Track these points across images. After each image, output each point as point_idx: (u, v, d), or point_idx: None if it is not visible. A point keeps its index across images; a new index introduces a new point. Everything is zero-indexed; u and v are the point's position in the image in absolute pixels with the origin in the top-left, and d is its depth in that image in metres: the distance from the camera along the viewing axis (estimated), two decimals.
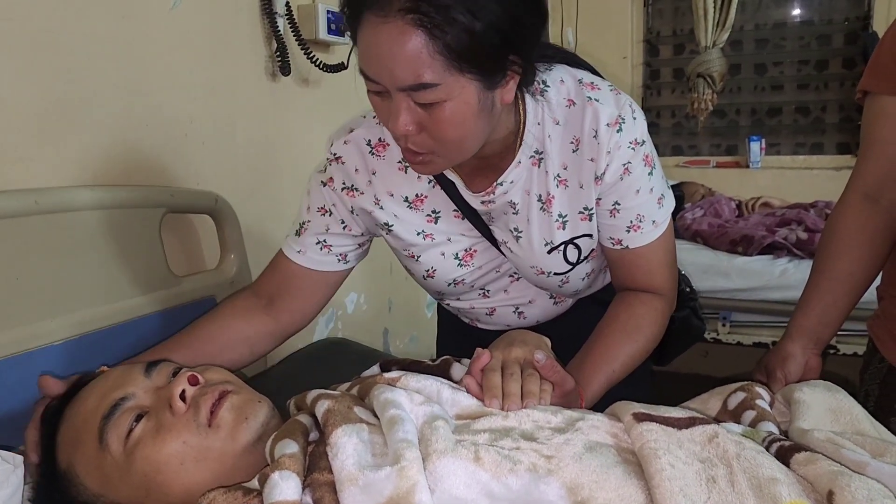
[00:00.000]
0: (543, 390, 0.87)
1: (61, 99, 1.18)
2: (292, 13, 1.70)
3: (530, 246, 1.06)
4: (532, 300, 1.18)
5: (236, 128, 1.61)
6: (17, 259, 1.04)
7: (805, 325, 1.10)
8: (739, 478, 0.67)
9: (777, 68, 3.86)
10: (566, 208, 1.04)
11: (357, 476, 0.67)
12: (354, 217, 1.10)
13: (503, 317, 1.21)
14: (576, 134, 1.00)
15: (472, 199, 1.05)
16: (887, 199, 1.06)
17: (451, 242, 1.09)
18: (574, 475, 0.69)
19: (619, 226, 1.05)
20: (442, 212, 1.07)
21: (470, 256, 1.10)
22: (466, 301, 1.20)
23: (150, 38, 1.35)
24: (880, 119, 1.06)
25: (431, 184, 1.06)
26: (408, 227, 1.08)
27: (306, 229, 1.12)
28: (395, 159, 1.05)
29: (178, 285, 1.32)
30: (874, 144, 1.07)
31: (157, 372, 0.88)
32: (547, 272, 1.08)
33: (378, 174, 1.06)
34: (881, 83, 1.05)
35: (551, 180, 1.02)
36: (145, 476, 0.78)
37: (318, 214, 1.11)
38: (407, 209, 1.07)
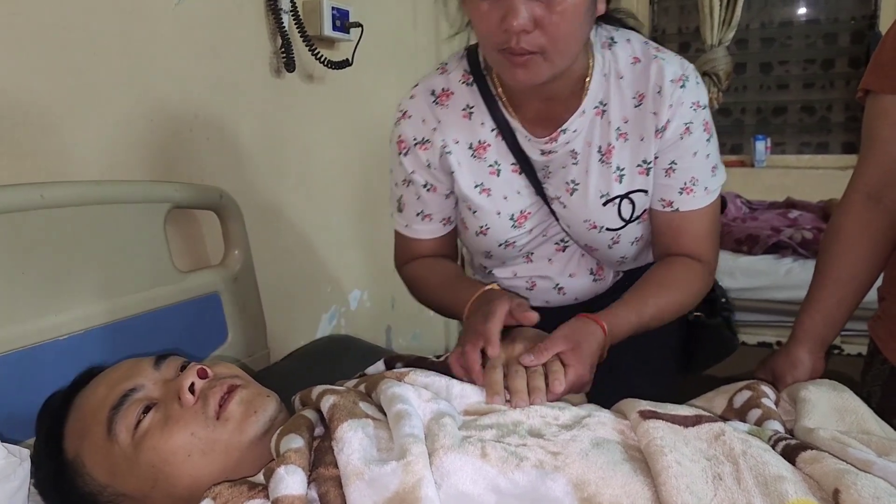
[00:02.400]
0: (555, 379, 0.86)
1: (67, 94, 1.19)
2: (297, 9, 1.70)
3: (585, 198, 1.07)
4: (573, 274, 1.19)
5: (241, 124, 1.61)
6: (22, 253, 1.04)
7: (811, 328, 1.10)
8: (746, 475, 0.67)
9: (783, 67, 3.86)
10: (625, 161, 1.06)
11: (363, 470, 0.67)
12: (433, 172, 1.11)
13: (543, 292, 1.21)
14: (640, 89, 1.03)
15: (532, 148, 1.07)
16: (889, 198, 1.05)
17: (507, 201, 1.10)
18: (580, 471, 0.69)
19: (673, 186, 1.07)
20: (502, 165, 1.09)
21: (524, 218, 1.12)
22: (509, 268, 1.21)
23: (155, 34, 1.35)
24: (882, 118, 1.05)
25: (494, 132, 1.07)
26: (468, 178, 1.10)
27: (404, 204, 1.17)
28: (459, 107, 1.08)
29: (183, 281, 1.32)
30: (875, 144, 1.06)
31: (167, 364, 0.88)
32: (599, 227, 1.10)
33: (443, 123, 1.08)
34: (883, 82, 1.04)
35: (612, 132, 1.05)
36: (152, 467, 0.79)
37: (403, 187, 1.15)
38: (471, 158, 1.09)
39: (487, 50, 0.96)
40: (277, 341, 1.69)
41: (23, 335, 1.04)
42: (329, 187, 1.97)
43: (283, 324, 1.78)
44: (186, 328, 1.32)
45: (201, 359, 1.35)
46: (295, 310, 1.84)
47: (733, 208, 3.12)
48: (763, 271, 2.56)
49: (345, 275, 2.07)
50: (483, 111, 1.08)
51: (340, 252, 2.05)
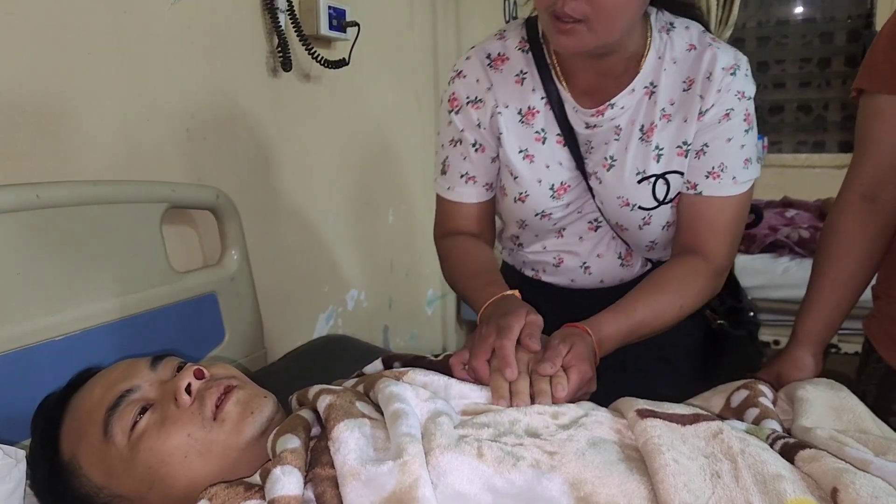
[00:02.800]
0: (557, 384, 0.85)
1: (62, 94, 1.18)
2: (294, 9, 1.69)
3: (621, 175, 1.09)
4: (601, 255, 1.20)
5: (238, 123, 1.60)
6: (18, 254, 1.04)
7: (814, 330, 1.10)
8: (744, 473, 0.67)
9: (779, 66, 3.86)
10: (665, 141, 1.07)
11: (359, 470, 0.67)
12: (482, 132, 1.13)
13: (569, 270, 1.22)
14: (690, 75, 1.05)
15: (578, 120, 1.09)
16: (884, 198, 1.06)
17: (548, 170, 1.12)
18: (577, 471, 0.69)
19: (701, 169, 1.07)
20: (548, 134, 1.11)
21: (563, 190, 1.13)
22: (540, 241, 1.22)
23: (151, 34, 1.35)
24: (876, 118, 1.05)
25: (543, 101, 1.10)
26: (514, 143, 1.12)
27: (448, 165, 1.18)
28: (512, 72, 1.11)
29: (179, 281, 1.32)
30: (870, 144, 1.06)
31: (163, 365, 0.88)
32: (632, 204, 1.10)
33: (496, 85, 1.11)
34: (876, 81, 1.04)
35: (657, 112, 1.07)
36: (149, 468, 0.78)
37: (451, 147, 1.17)
38: (518, 123, 1.11)
39: (540, 10, 0.97)
40: (274, 341, 1.69)
41: (19, 336, 1.03)
42: (326, 187, 1.97)
43: (281, 324, 1.78)
44: (183, 328, 1.32)
45: (198, 359, 1.35)
46: (292, 310, 1.84)
47: None
48: (760, 270, 2.57)
49: (342, 275, 2.07)
50: (535, 78, 1.10)
51: (338, 252, 2.04)
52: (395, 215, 2.37)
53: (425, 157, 2.56)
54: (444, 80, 2.65)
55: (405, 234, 2.45)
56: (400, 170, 2.39)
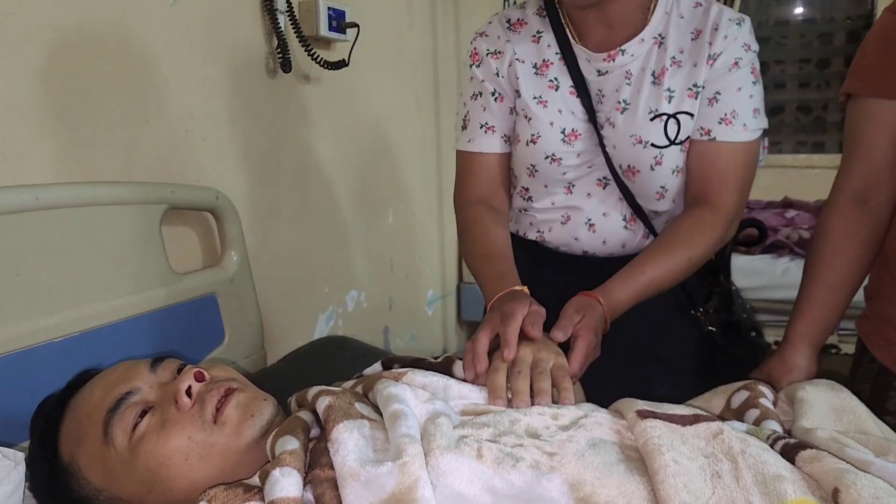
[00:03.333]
0: (564, 388, 0.86)
1: (61, 95, 1.18)
2: (293, 10, 1.69)
3: (635, 115, 1.13)
4: (607, 213, 1.23)
5: (237, 124, 1.60)
6: (17, 255, 1.04)
7: (806, 333, 1.11)
8: (745, 474, 0.67)
9: (779, 66, 3.86)
10: (676, 84, 1.13)
11: (358, 472, 0.67)
12: (500, 81, 1.20)
13: (575, 227, 1.25)
14: (698, 26, 1.12)
15: (590, 68, 1.16)
16: (875, 200, 1.07)
17: (560, 115, 1.17)
18: (576, 472, 0.68)
19: (714, 115, 1.12)
20: (561, 83, 1.17)
21: (574, 137, 1.17)
22: (549, 197, 1.24)
23: (150, 34, 1.35)
24: (865, 122, 1.06)
25: (558, 55, 1.17)
26: (529, 90, 1.18)
27: (469, 119, 1.24)
28: (529, 33, 1.20)
29: (179, 282, 1.32)
30: (861, 147, 1.07)
31: (163, 367, 0.88)
32: (645, 142, 1.14)
33: (513, 42, 1.20)
34: (865, 85, 1.06)
35: (667, 59, 1.13)
36: (149, 471, 0.78)
37: (472, 101, 1.23)
38: (534, 76, 1.19)
39: None
40: (274, 342, 1.69)
41: (18, 337, 1.03)
42: (326, 188, 1.97)
43: (281, 325, 1.78)
44: (183, 330, 1.32)
45: (198, 360, 1.35)
46: (292, 311, 1.84)
47: None
48: (760, 271, 2.57)
49: (342, 275, 2.07)
50: (551, 36, 1.18)
51: (337, 252, 2.04)
52: (395, 216, 2.37)
53: (425, 158, 2.56)
54: (444, 81, 2.65)
55: (405, 235, 2.45)
56: (399, 170, 2.39)
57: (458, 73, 2.78)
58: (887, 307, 1.09)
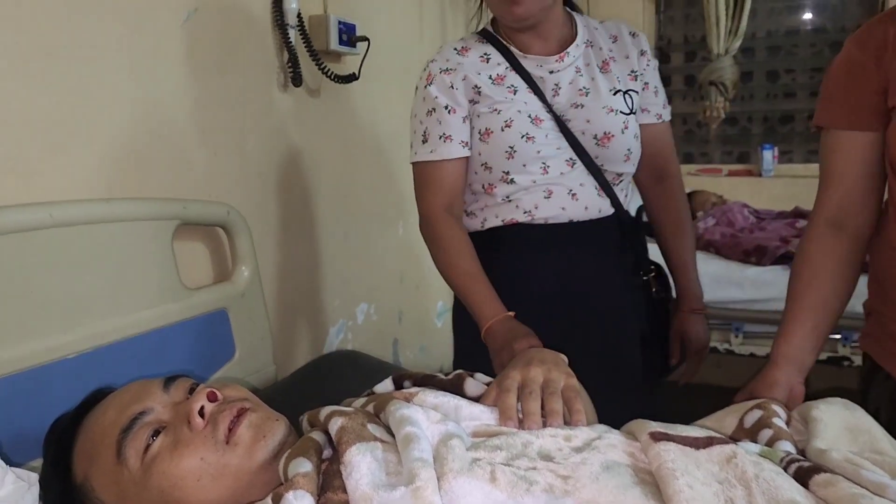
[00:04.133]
0: (576, 409, 0.85)
1: (74, 112, 1.19)
2: (304, 24, 1.70)
3: (599, 94, 1.37)
4: (583, 184, 1.39)
5: (248, 139, 1.61)
6: (31, 272, 1.05)
7: (788, 353, 1.10)
8: (758, 499, 0.66)
9: (789, 76, 3.85)
10: (618, 71, 1.41)
11: (371, 496, 0.67)
12: (455, 94, 1.35)
13: (559, 198, 1.38)
14: (612, 32, 1.44)
15: (543, 70, 1.37)
16: (852, 225, 1.09)
17: (526, 105, 1.35)
18: (591, 496, 0.68)
19: (659, 102, 1.47)
20: (518, 87, 1.36)
21: (539, 121, 1.35)
22: (529, 175, 1.36)
23: (162, 50, 1.36)
24: (835, 153, 1.10)
25: (508, 68, 1.37)
26: (492, 92, 1.35)
27: (428, 133, 1.37)
28: (477, 55, 1.38)
29: (190, 297, 1.32)
30: (832, 176, 1.11)
31: (176, 386, 0.88)
32: (616, 110, 1.37)
33: (465, 63, 1.37)
34: (831, 118, 1.09)
35: (604, 55, 1.41)
36: (162, 492, 0.78)
37: (427, 117, 1.37)
38: (492, 84, 1.36)
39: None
40: (285, 356, 1.69)
41: (31, 354, 1.04)
42: (336, 201, 1.97)
43: (291, 338, 1.78)
44: (194, 345, 1.32)
45: (209, 376, 1.35)
46: (302, 324, 1.84)
47: (740, 218, 3.11)
48: (771, 282, 2.55)
49: (352, 288, 2.07)
50: (498, 56, 1.38)
51: (347, 265, 2.05)
52: (405, 228, 2.37)
53: None
54: None
55: (415, 247, 2.45)
56: (410, 183, 2.38)
57: None
58: (891, 325, 1.09)
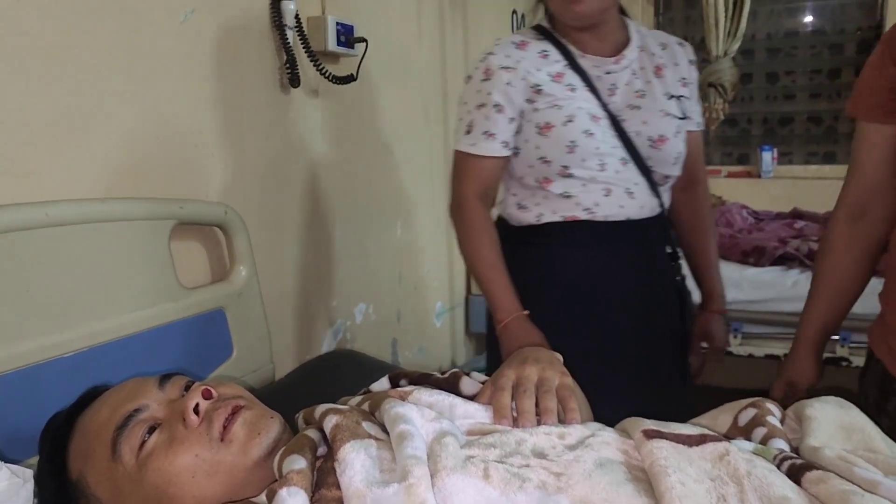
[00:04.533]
0: (571, 408, 0.86)
1: (72, 112, 1.19)
2: (302, 25, 1.71)
3: (654, 98, 1.42)
4: (637, 183, 1.44)
5: (246, 139, 1.61)
6: (27, 272, 1.05)
7: (813, 335, 1.24)
8: (750, 496, 0.66)
9: (789, 77, 3.85)
10: (670, 78, 1.46)
11: (365, 493, 0.67)
12: (510, 90, 1.38)
13: (618, 197, 1.43)
14: (660, 40, 1.50)
15: (600, 71, 1.41)
16: (872, 216, 1.16)
17: (586, 102, 1.40)
18: (584, 492, 0.68)
19: (698, 111, 1.53)
20: (577, 86, 1.40)
21: (597, 119, 1.39)
22: (587, 171, 1.40)
23: (160, 51, 1.36)
24: (861, 143, 1.15)
25: (566, 66, 1.40)
26: (553, 89, 1.39)
27: (473, 126, 1.41)
28: (535, 51, 1.41)
29: (188, 297, 1.33)
30: (856, 166, 1.17)
31: (171, 384, 0.88)
32: (671, 115, 1.43)
33: (524, 59, 1.40)
34: (861, 109, 1.14)
35: (656, 61, 1.45)
36: (157, 488, 0.78)
37: (476, 111, 1.41)
38: (551, 81, 1.39)
39: None
40: (283, 356, 1.69)
41: (27, 353, 1.04)
42: (334, 201, 1.97)
43: (289, 338, 1.78)
44: (192, 344, 1.33)
45: (206, 375, 1.35)
46: (300, 324, 1.84)
47: (739, 219, 3.11)
48: (770, 283, 2.55)
49: (350, 288, 2.07)
50: (556, 53, 1.41)
51: (346, 265, 2.05)
52: (404, 228, 2.37)
53: (433, 171, 2.57)
54: (452, 95, 2.65)
55: (413, 247, 2.45)
56: (408, 183, 2.40)
57: None
58: (890, 316, 1.13)
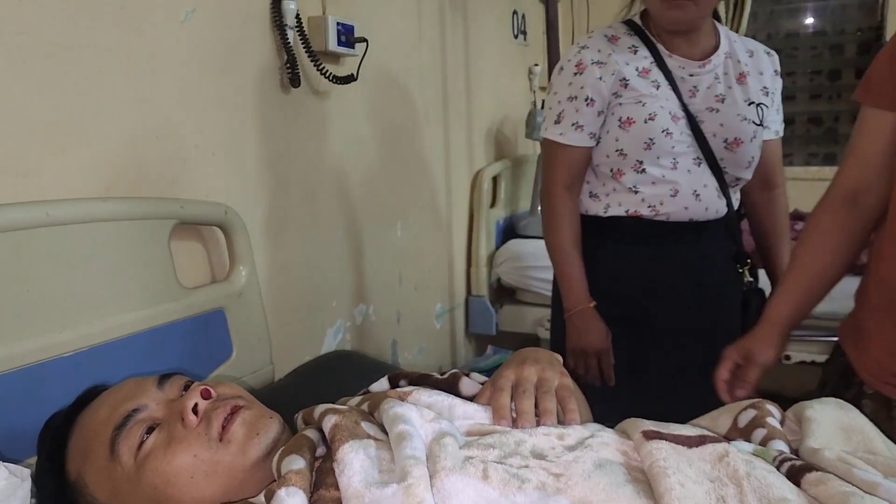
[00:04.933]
0: (570, 409, 0.85)
1: (72, 111, 1.19)
2: (302, 25, 1.71)
3: (735, 102, 1.50)
4: (706, 185, 1.52)
5: (246, 139, 1.61)
6: (28, 271, 1.05)
7: (785, 313, 1.20)
8: (749, 498, 0.66)
9: (789, 78, 3.85)
10: (752, 85, 1.53)
11: (363, 493, 0.67)
12: (600, 85, 1.48)
13: (683, 197, 1.51)
14: (749, 47, 1.56)
15: (684, 72, 1.50)
16: (864, 202, 1.13)
17: (667, 101, 1.48)
18: (583, 494, 0.68)
19: (779, 120, 1.60)
20: (661, 84, 1.48)
21: (676, 119, 1.48)
22: (659, 169, 1.49)
23: (160, 51, 1.36)
24: (863, 127, 1.14)
25: (653, 63, 1.49)
26: (639, 85, 1.47)
27: (563, 116, 1.52)
28: (626, 46, 1.51)
29: (187, 297, 1.32)
30: (855, 150, 1.15)
31: (170, 384, 0.88)
32: (749, 119, 1.50)
33: (615, 53, 1.49)
34: (867, 95, 1.12)
35: (741, 68, 1.52)
36: (155, 489, 0.78)
37: (567, 102, 1.51)
38: (637, 77, 1.48)
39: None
40: (283, 356, 1.69)
41: (27, 353, 1.04)
42: (334, 202, 1.97)
43: (289, 339, 1.78)
44: (191, 344, 1.32)
45: (206, 375, 1.35)
46: (300, 324, 1.84)
47: None
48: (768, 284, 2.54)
49: (350, 289, 2.07)
50: (644, 50, 1.50)
51: (346, 266, 2.05)
52: (404, 229, 2.37)
53: (434, 171, 2.57)
54: (452, 95, 2.66)
55: (414, 248, 2.45)
56: (408, 184, 2.40)
57: (467, 88, 2.78)
58: (862, 314, 1.14)
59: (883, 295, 1.08)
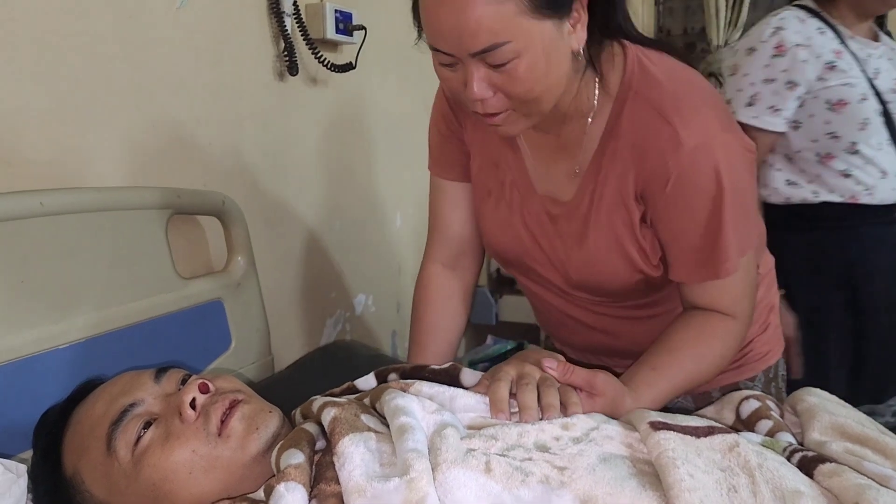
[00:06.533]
0: (573, 402, 0.81)
1: (66, 100, 1.17)
2: (300, 12, 1.68)
3: None
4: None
5: (244, 128, 1.59)
6: (22, 262, 1.03)
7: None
8: (762, 488, 0.65)
9: None
10: None
11: (365, 487, 0.66)
12: (804, 67, 1.48)
13: (891, 180, 1.55)
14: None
15: (862, 51, 1.54)
16: (462, 266, 1.23)
17: (864, 82, 1.53)
18: (587, 487, 0.67)
19: None
20: (852, 66, 1.53)
21: (866, 97, 1.53)
22: (871, 149, 1.52)
23: (156, 38, 1.34)
24: (441, 196, 1.19)
25: (841, 45, 1.52)
26: (844, 66, 1.51)
27: (758, 98, 1.52)
28: (813, 27, 1.51)
29: (185, 288, 1.31)
30: (441, 220, 1.21)
31: (167, 378, 0.86)
32: None
33: (811, 36, 1.50)
34: (434, 165, 1.18)
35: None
36: (153, 484, 0.77)
37: (763, 84, 1.51)
38: (835, 58, 1.51)
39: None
40: (282, 347, 1.68)
41: (22, 344, 1.02)
42: (333, 191, 1.96)
43: (288, 330, 1.76)
44: (189, 336, 1.31)
45: (205, 367, 1.34)
46: (299, 315, 1.82)
47: None
48: None
49: (349, 279, 2.06)
50: (829, 31, 1.51)
51: (345, 256, 2.03)
52: (403, 219, 2.36)
53: None
54: None
55: (413, 238, 2.43)
56: (408, 173, 2.38)
57: None
58: None
59: None
